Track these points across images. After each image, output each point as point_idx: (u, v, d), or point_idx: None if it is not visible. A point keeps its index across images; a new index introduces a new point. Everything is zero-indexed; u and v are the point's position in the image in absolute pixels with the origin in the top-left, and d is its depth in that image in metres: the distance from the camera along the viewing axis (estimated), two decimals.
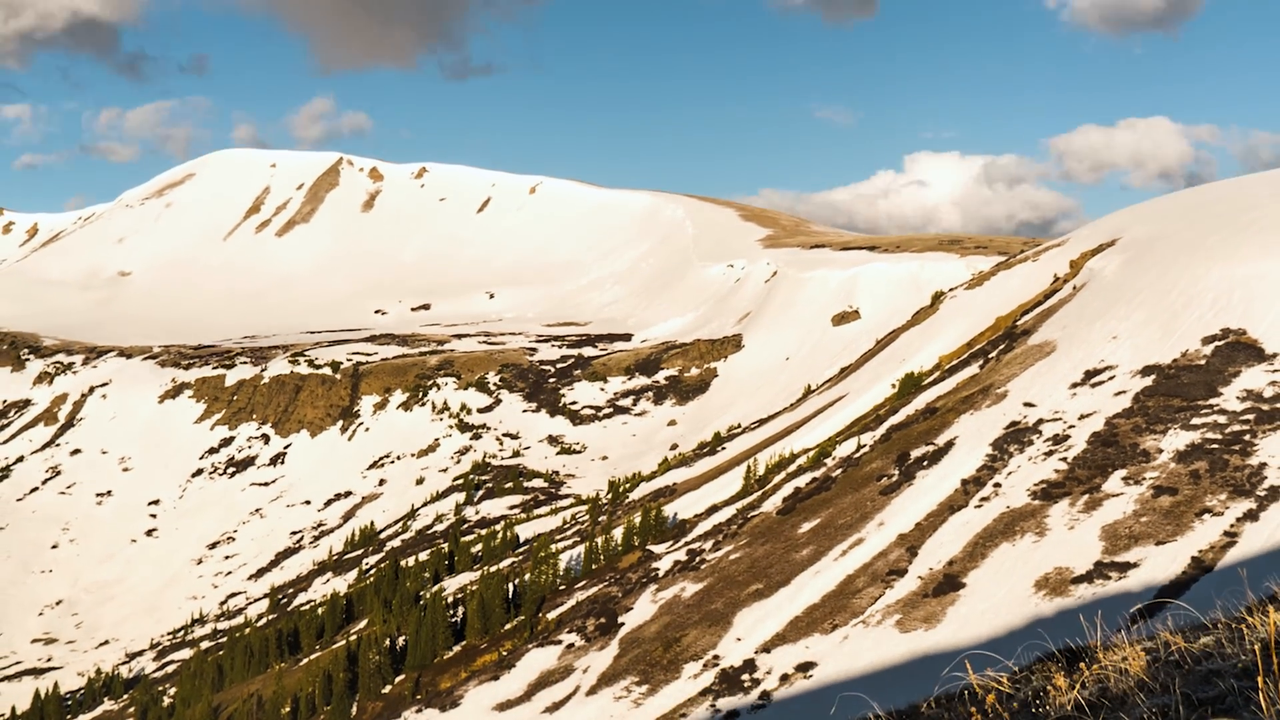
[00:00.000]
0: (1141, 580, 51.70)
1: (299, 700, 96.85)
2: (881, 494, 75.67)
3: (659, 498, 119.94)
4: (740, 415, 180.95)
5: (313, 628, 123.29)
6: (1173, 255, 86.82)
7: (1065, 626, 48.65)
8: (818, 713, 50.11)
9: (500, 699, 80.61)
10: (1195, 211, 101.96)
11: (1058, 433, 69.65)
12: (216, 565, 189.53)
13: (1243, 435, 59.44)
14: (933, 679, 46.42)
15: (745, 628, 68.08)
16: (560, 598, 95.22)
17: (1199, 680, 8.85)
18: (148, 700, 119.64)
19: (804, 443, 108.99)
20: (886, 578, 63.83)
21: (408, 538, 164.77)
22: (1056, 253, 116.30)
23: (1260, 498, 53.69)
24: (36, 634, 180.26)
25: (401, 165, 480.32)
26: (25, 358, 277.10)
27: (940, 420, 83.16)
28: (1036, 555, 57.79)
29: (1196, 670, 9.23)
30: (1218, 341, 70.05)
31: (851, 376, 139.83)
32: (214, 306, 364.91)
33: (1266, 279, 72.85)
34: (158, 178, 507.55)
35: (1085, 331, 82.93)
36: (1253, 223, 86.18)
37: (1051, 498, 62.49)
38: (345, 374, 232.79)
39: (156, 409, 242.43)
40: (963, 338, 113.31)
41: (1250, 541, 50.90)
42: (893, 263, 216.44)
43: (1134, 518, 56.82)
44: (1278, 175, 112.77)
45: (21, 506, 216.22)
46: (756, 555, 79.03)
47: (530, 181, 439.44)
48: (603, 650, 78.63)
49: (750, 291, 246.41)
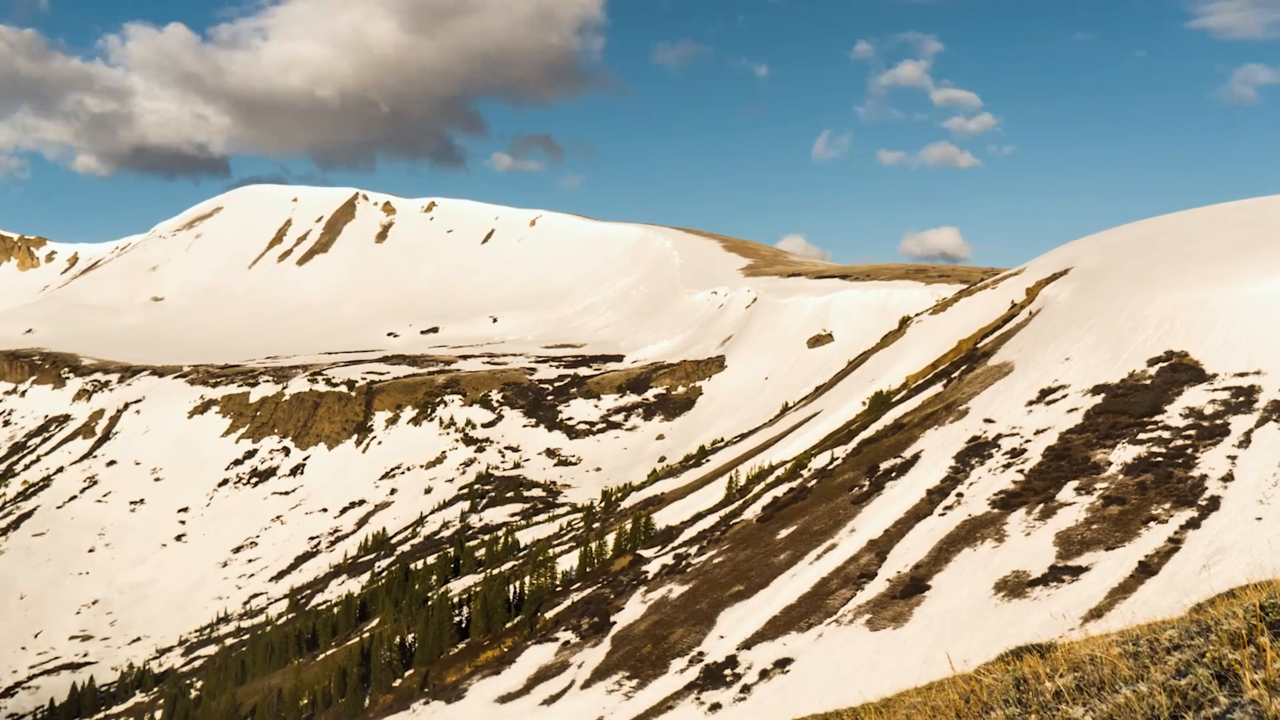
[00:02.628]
0: (1093, 582, 51.54)
1: (316, 693, 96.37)
2: (853, 503, 75.46)
3: (648, 506, 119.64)
4: (723, 430, 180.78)
5: (329, 626, 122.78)
6: (1121, 283, 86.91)
7: (1024, 625, 48.46)
8: (795, 705, 49.82)
9: (502, 692, 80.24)
10: (1142, 243, 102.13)
11: (1015, 447, 69.53)
12: (240, 568, 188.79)
13: (1185, 449, 59.37)
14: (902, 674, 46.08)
15: (728, 626, 67.78)
16: (557, 599, 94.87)
17: (1174, 670, 8.67)
18: (176, 693, 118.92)
19: (782, 455, 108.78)
20: (858, 580, 63.59)
21: (417, 543, 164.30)
22: (1014, 281, 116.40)
23: (1201, 507, 53.59)
24: (74, 631, 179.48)
25: (412, 200, 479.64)
26: (65, 376, 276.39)
27: (907, 435, 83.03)
28: (996, 559, 57.62)
29: (1168, 660, 9.08)
30: (1162, 363, 70.04)
31: (825, 394, 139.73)
32: (240, 329, 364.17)
33: (1206, 306, 72.87)
34: (188, 211, 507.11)
35: (1040, 353, 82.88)
36: (1194, 254, 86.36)
37: (1010, 506, 62.34)
38: (360, 391, 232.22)
39: (186, 423, 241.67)
40: (928, 359, 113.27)
41: (1193, 547, 50.78)
42: (863, 290, 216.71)
43: (1086, 525, 56.68)
44: (1217, 210, 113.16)
45: (61, 513, 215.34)
46: (738, 559, 78.76)
47: (530, 215, 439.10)
48: (596, 647, 78.28)
49: (732, 316, 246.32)
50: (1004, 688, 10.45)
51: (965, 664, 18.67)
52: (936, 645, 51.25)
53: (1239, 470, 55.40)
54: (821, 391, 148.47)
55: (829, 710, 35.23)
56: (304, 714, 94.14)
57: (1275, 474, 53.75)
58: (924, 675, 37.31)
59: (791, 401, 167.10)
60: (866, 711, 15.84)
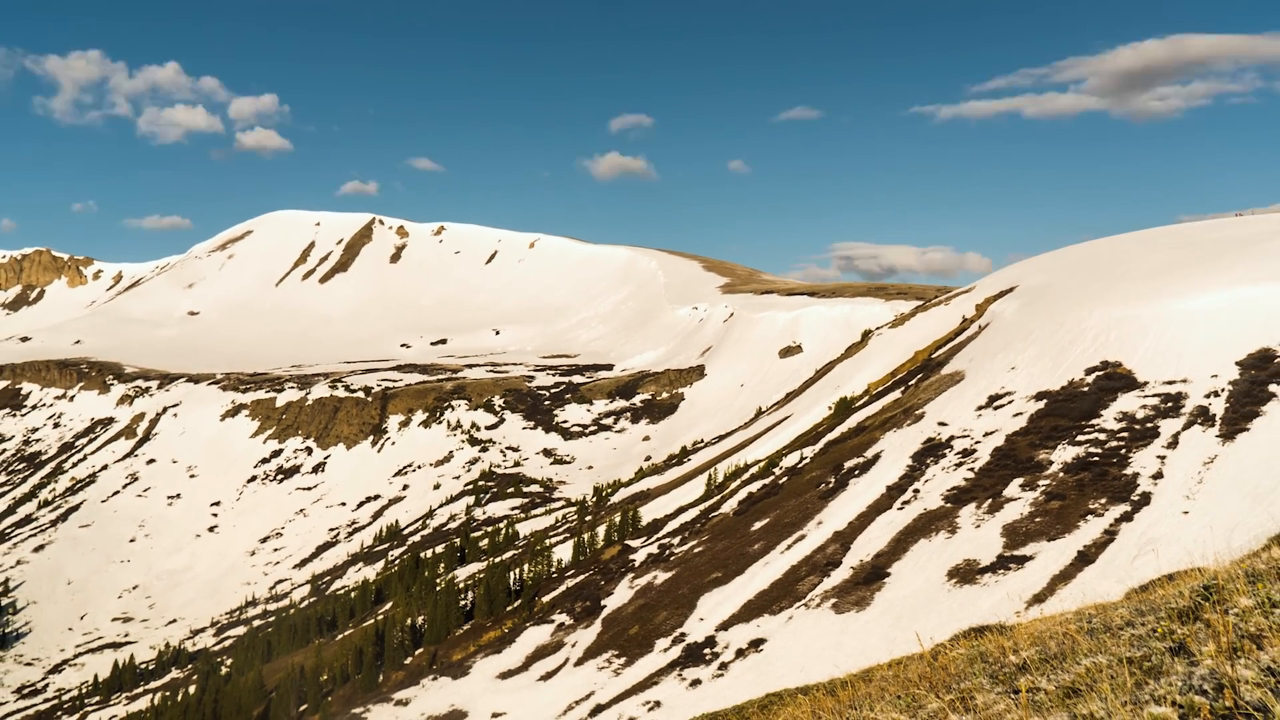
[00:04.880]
0: (1037, 570, 51.38)
1: (335, 670, 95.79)
2: (820, 498, 75.26)
3: (635, 501, 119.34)
4: (703, 432, 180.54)
5: (346, 609, 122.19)
6: (1061, 300, 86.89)
7: (975, 608, 48.28)
8: (768, 681, 49.58)
9: (503, 669, 79.86)
10: (1080, 264, 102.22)
11: (966, 447, 69.40)
12: (267, 556, 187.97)
13: (1119, 450, 59.28)
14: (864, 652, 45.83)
15: (707, 609, 67.52)
16: (553, 584, 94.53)
17: (1129, 643, 8.50)
18: (208, 670, 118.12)
19: (756, 455, 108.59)
20: (824, 568, 63.37)
21: (426, 534, 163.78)
22: (965, 298, 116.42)
23: (1134, 502, 53.48)
24: (116, 614, 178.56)
25: (424, 224, 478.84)
26: (110, 383, 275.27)
27: (869, 437, 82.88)
28: (949, 549, 57.44)
29: (1121, 635, 8.91)
30: (1098, 372, 69.99)
31: (795, 400, 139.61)
32: (267, 341, 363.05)
33: (1138, 320, 72.87)
34: (221, 234, 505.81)
35: (989, 363, 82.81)
36: (1126, 274, 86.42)
37: (961, 501, 62.18)
38: (375, 397, 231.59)
39: (218, 425, 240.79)
40: (887, 368, 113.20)
41: (1126, 538, 50.66)
42: (829, 306, 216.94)
43: (1030, 518, 56.54)
44: (1148, 234, 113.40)
45: (105, 507, 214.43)
46: (716, 549, 78.51)
47: (530, 238, 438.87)
48: (588, 628, 77.97)
49: (711, 329, 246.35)
50: (970, 660, 10.29)
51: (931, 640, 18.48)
52: (896, 626, 51.07)
53: (1168, 469, 55.31)
54: (792, 398, 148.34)
55: (799, 685, 35.00)
56: (324, 689, 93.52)
57: (1200, 473, 53.67)
58: (886, 653, 37.12)
59: (765, 406, 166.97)
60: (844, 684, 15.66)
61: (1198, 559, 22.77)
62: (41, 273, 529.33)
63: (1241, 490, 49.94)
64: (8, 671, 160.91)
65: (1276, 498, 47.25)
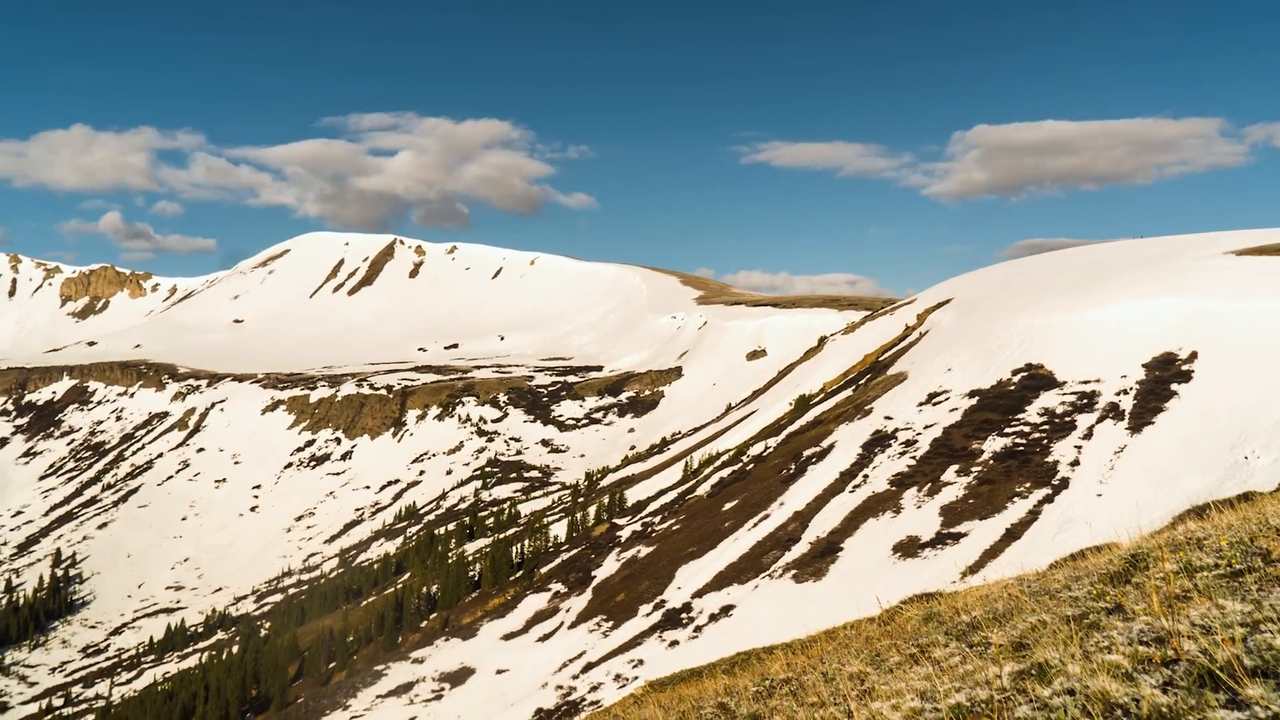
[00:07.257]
0: (970, 545, 51.25)
1: (360, 632, 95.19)
2: (782, 482, 75.03)
3: (622, 485, 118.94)
4: (680, 425, 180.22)
5: (370, 579, 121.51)
6: (991, 310, 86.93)
7: (918, 577, 48.10)
8: (736, 642, 49.34)
9: (506, 631, 79.46)
10: (1008, 279, 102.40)
11: (909, 438, 69.27)
12: (301, 533, 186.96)
13: (1041, 441, 59.22)
14: (821, 617, 45.33)
15: (684, 580, 67.22)
16: (550, 558, 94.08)
17: (1069, 603, 8.24)
18: (249, 632, 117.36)
19: (726, 445, 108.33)
20: (786, 544, 63.14)
21: (440, 513, 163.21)
22: (908, 309, 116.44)
23: (1055, 486, 53.42)
24: (169, 583, 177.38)
25: (439, 245, 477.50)
26: (165, 381, 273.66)
27: (824, 429, 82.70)
28: (894, 527, 57.27)
29: (1060, 595, 8.66)
30: (1023, 373, 69.95)
31: (760, 397, 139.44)
32: (302, 346, 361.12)
33: (1057, 328, 72.89)
34: (263, 252, 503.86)
35: (928, 365, 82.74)
36: (1048, 288, 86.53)
37: (904, 485, 62.02)
38: (396, 394, 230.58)
39: (259, 419, 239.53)
40: (841, 369, 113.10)
41: (1048, 517, 50.57)
42: (790, 315, 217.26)
43: (964, 500, 56.42)
44: (1066, 254, 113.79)
45: (160, 490, 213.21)
46: (692, 527, 78.23)
47: (530, 256, 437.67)
48: (580, 596, 77.61)
49: (687, 336, 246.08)
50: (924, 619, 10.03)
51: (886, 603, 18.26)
52: (848, 594, 50.84)
53: (1084, 457, 55.25)
54: (757, 395, 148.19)
55: (765, 645, 34.71)
56: (350, 649, 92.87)
57: (1112, 460, 53.62)
58: (841, 617, 36.81)
59: (734, 403, 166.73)
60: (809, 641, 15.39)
61: (1112, 535, 22.54)
62: (106, 286, 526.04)
63: (1148, 475, 49.92)
64: (75, 633, 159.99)
65: (1178, 482, 47.25)
